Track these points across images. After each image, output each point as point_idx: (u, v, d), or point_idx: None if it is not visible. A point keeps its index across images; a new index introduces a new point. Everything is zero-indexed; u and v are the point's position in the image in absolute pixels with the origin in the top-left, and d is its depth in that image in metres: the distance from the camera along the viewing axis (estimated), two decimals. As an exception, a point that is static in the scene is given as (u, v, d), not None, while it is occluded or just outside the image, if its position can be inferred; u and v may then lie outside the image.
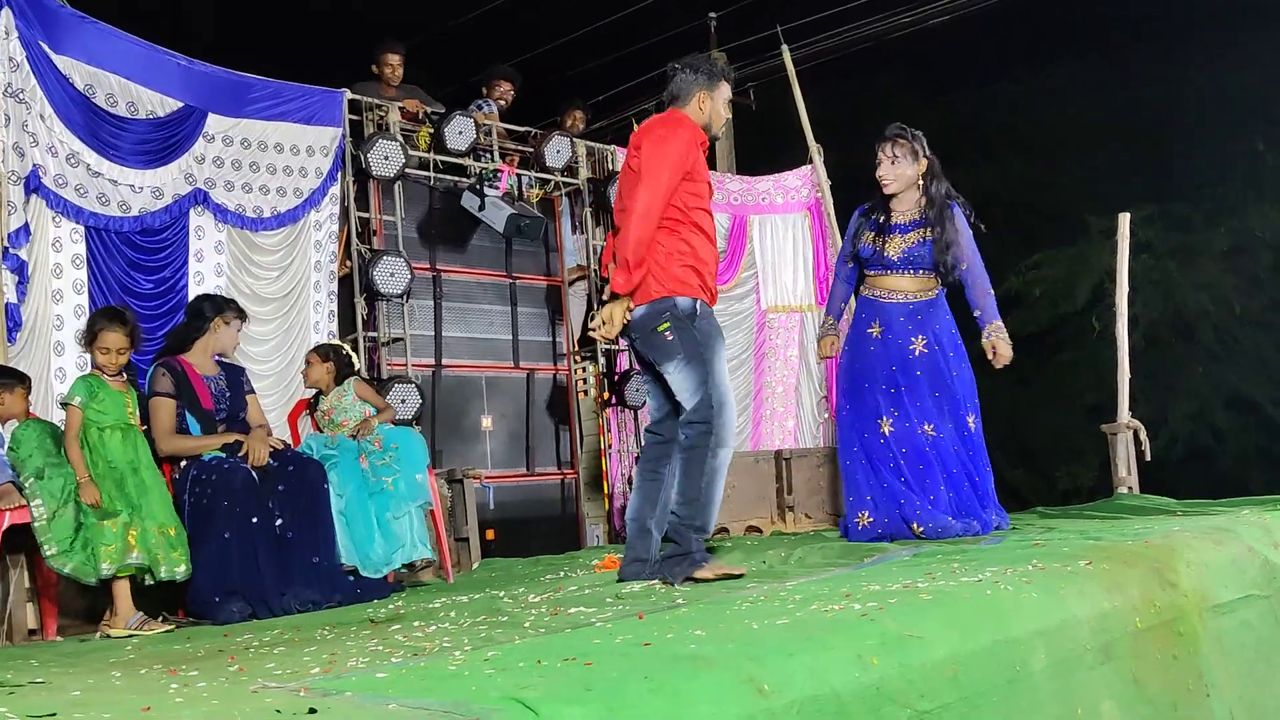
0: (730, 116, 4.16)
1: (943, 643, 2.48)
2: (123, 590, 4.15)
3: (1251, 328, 14.41)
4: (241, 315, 4.88)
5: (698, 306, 3.84)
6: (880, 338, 4.80)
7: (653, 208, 3.77)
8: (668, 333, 3.80)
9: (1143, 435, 6.55)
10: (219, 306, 4.78)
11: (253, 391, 4.90)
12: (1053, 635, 2.71)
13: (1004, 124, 17.45)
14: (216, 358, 4.76)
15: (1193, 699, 3.00)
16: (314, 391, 5.48)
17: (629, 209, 3.83)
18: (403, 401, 6.23)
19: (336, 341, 5.87)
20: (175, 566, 4.22)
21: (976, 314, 4.82)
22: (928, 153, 4.83)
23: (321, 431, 5.38)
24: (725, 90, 4.10)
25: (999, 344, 4.74)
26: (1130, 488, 6.45)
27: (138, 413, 4.39)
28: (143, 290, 5.65)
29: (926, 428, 4.70)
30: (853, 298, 5.09)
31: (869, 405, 4.79)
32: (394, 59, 7.12)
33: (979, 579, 2.97)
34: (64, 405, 4.30)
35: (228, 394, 4.70)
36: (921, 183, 4.81)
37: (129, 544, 4.13)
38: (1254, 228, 14.22)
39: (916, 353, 4.72)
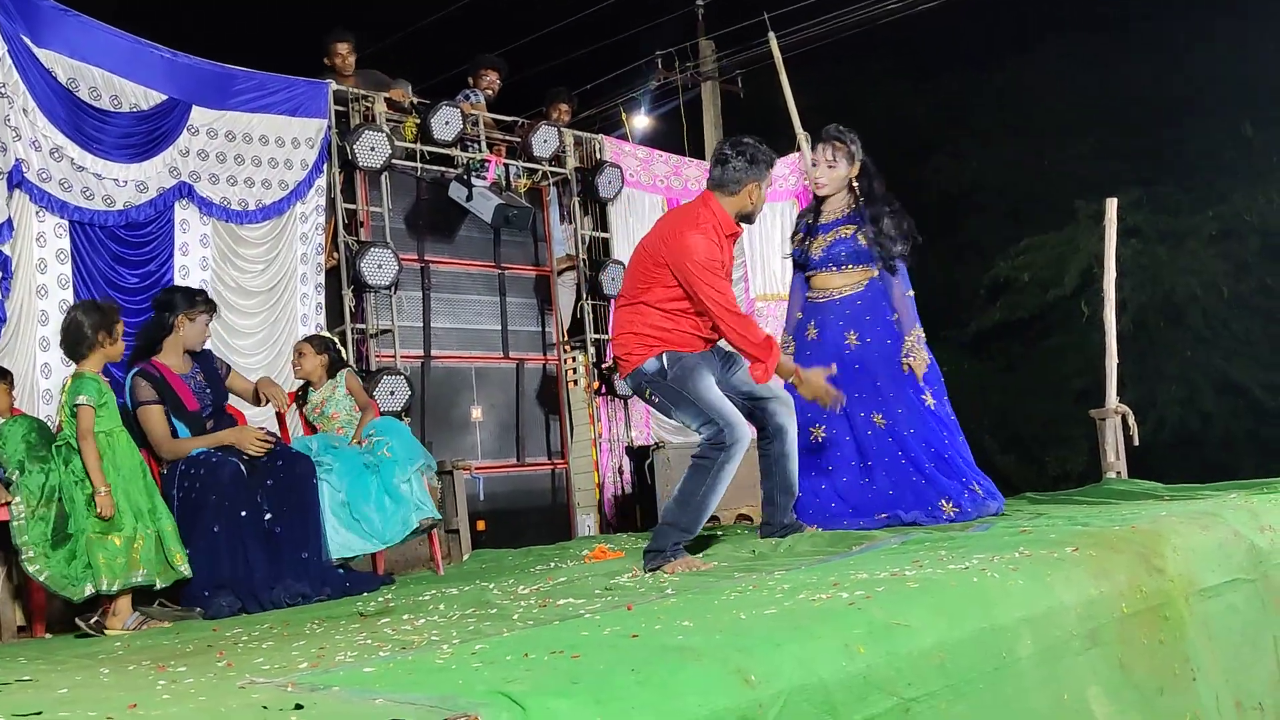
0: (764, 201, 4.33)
1: (930, 631, 2.48)
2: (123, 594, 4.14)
3: (1240, 312, 14.44)
4: (209, 307, 4.75)
5: (663, 360, 4.07)
6: (817, 339, 4.83)
7: (720, 303, 3.99)
8: (654, 396, 4.16)
9: (1131, 420, 6.56)
10: (188, 300, 4.66)
11: (230, 368, 4.89)
12: (1039, 622, 2.72)
13: (992, 109, 17.45)
14: (189, 353, 4.69)
15: (1179, 683, 3.01)
16: (301, 384, 5.47)
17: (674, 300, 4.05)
18: (391, 393, 6.23)
19: (327, 334, 5.86)
20: (186, 564, 4.21)
21: (894, 318, 4.76)
22: (861, 155, 4.86)
23: (310, 424, 5.38)
24: (770, 177, 4.26)
25: (913, 361, 4.67)
26: (1119, 473, 6.46)
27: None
28: (128, 284, 5.62)
29: (876, 418, 4.69)
30: None
31: (800, 414, 4.68)
32: (343, 48, 7.05)
33: (966, 567, 2.97)
34: (74, 408, 4.09)
35: (208, 389, 4.68)
36: (857, 184, 4.85)
37: (133, 559, 4.09)
38: (1242, 212, 14.25)
39: (851, 346, 4.73)
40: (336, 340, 5.67)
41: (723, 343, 4.19)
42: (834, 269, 4.83)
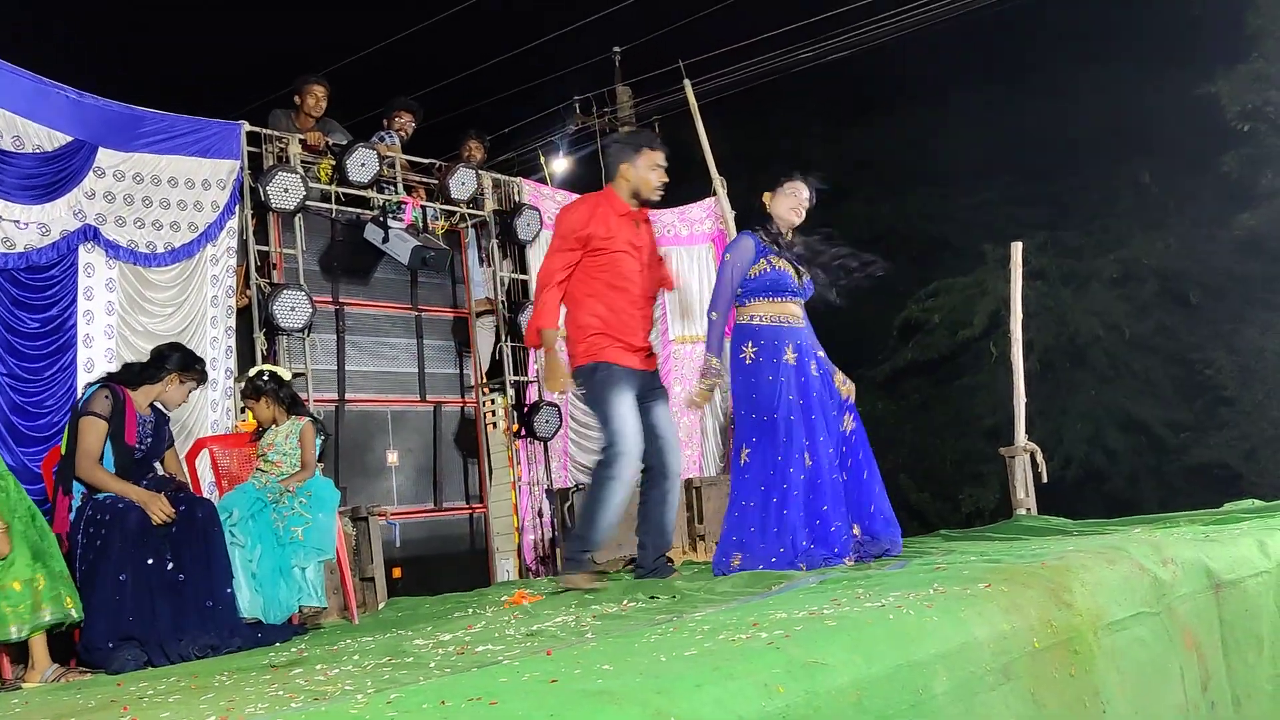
0: (665, 180, 4.72)
1: (847, 668, 2.50)
2: (39, 643, 3.98)
3: (1141, 352, 14.95)
4: (201, 379, 4.90)
5: (596, 367, 4.57)
6: (796, 364, 4.73)
7: (543, 278, 4.67)
8: (582, 389, 4.69)
9: (1039, 457, 6.73)
10: (184, 364, 4.76)
11: (173, 443, 4.90)
12: (954, 657, 2.75)
13: (902, 156, 17.91)
14: (154, 404, 4.72)
15: (1089, 715, 3.07)
16: (255, 426, 5.35)
17: None
18: (304, 438, 6.10)
19: (258, 368, 5.51)
20: (75, 608, 4.07)
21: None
22: None
23: (259, 466, 5.19)
24: (650, 156, 4.62)
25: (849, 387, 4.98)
26: (1029, 509, 6.60)
27: None
28: (28, 330, 5.45)
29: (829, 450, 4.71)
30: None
31: (796, 437, 4.64)
32: (319, 90, 7.05)
33: (882, 604, 3.00)
34: None
35: (150, 438, 4.64)
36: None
37: (37, 601, 3.95)
38: (1141, 256, 14.80)
39: (814, 373, 4.80)
40: (270, 370, 5.36)
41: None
42: (803, 299, 4.90)
